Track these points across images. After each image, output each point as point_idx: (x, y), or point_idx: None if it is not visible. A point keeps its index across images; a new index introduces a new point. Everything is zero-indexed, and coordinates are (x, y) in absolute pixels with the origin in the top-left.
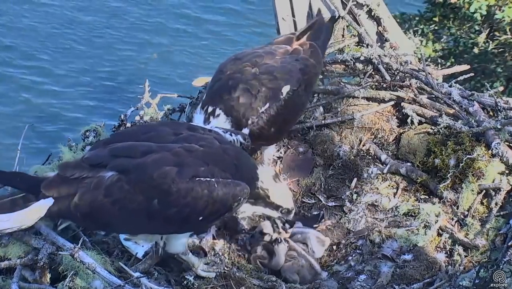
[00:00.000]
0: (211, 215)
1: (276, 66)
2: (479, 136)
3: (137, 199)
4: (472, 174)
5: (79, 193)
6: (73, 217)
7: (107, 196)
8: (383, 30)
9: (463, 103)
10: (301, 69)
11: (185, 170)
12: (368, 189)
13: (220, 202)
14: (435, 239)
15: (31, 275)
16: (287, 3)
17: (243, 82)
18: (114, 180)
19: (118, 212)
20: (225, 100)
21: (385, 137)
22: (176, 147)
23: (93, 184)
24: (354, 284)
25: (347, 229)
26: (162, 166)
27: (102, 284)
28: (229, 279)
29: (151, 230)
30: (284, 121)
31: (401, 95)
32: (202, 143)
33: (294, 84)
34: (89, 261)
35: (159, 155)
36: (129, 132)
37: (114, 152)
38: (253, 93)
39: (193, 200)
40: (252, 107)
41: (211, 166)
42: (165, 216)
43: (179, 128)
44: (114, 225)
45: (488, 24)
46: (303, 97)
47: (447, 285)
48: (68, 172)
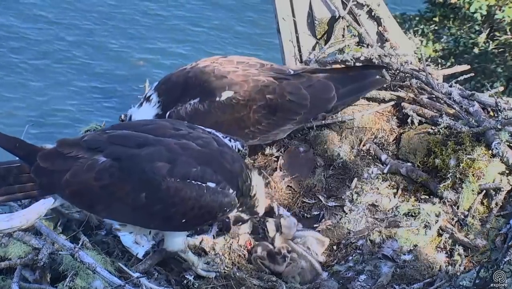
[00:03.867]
0: (195, 219)
1: (235, 72)
2: (479, 136)
3: (126, 189)
4: (472, 174)
5: (71, 171)
6: (62, 193)
7: (97, 180)
8: (383, 30)
9: (463, 103)
10: (267, 86)
11: (176, 168)
12: (368, 189)
13: (206, 209)
14: (435, 239)
15: (31, 275)
16: (287, 3)
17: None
18: (107, 165)
19: (106, 197)
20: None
21: (385, 137)
22: (172, 142)
23: (86, 165)
24: (354, 284)
25: (347, 229)
26: (154, 161)
27: (102, 284)
28: (229, 279)
29: (134, 221)
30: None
31: (401, 95)
32: (199, 142)
33: (241, 95)
34: (89, 261)
35: (153, 148)
36: (131, 123)
37: (111, 139)
38: (190, 83)
39: (180, 201)
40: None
41: (203, 167)
42: (150, 211)
43: (179, 124)
44: (99, 209)
45: (488, 24)
46: (251, 114)
47: (447, 285)
48: (66, 149)
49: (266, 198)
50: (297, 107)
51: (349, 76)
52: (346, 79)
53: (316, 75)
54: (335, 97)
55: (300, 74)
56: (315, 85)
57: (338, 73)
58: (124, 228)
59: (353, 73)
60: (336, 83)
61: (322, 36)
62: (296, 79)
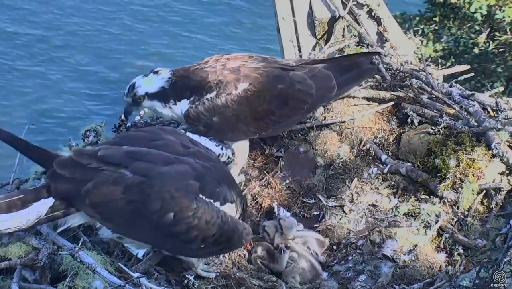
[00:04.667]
0: (213, 246)
1: (244, 65)
2: (480, 136)
3: (153, 207)
4: (472, 174)
5: (94, 181)
6: (79, 202)
7: (125, 194)
8: (383, 30)
9: (463, 103)
10: (279, 76)
11: (206, 187)
12: (368, 189)
13: (226, 237)
14: (435, 239)
15: (31, 275)
16: (287, 3)
17: (205, 70)
18: (136, 181)
19: (129, 212)
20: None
21: (385, 137)
22: (192, 162)
23: (113, 178)
24: (354, 284)
25: (347, 229)
26: (186, 179)
27: (102, 284)
28: (230, 279)
29: (151, 241)
30: (237, 119)
31: (401, 95)
32: (211, 163)
33: (256, 86)
34: (89, 261)
35: (181, 167)
36: (137, 137)
37: (131, 155)
38: (204, 77)
39: (206, 224)
40: (199, 90)
41: (222, 188)
42: (172, 231)
43: (182, 138)
44: (118, 223)
45: (489, 24)
46: (265, 105)
47: (447, 285)
48: (84, 160)
49: (266, 198)
50: (305, 96)
51: (345, 65)
52: (343, 68)
53: (315, 66)
54: (335, 86)
55: (301, 66)
56: (317, 75)
57: (334, 63)
58: (132, 243)
59: (347, 63)
60: (335, 72)
61: (322, 36)
62: (299, 70)
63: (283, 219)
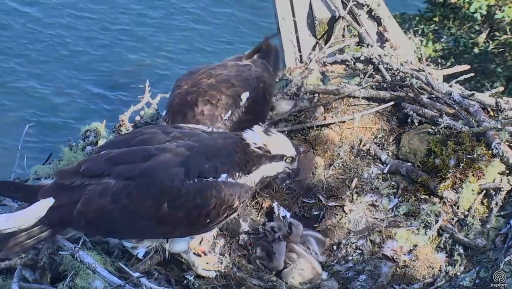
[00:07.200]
0: (218, 217)
1: (232, 74)
2: (480, 136)
3: (147, 203)
4: (472, 174)
5: (83, 200)
6: (75, 224)
7: (114, 202)
8: (383, 30)
9: (463, 103)
10: (256, 77)
11: (192, 170)
12: (369, 189)
13: (227, 204)
14: (435, 239)
15: (31, 275)
16: (287, 3)
17: (201, 94)
18: (121, 186)
19: (126, 218)
20: (190, 118)
21: (385, 137)
22: (175, 147)
23: (98, 191)
24: (355, 284)
25: (347, 229)
26: (169, 168)
27: (102, 284)
28: (230, 279)
29: (158, 235)
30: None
31: (401, 95)
32: (195, 138)
33: (252, 91)
34: (89, 261)
35: (162, 157)
36: (119, 140)
37: (112, 161)
38: (213, 102)
39: (202, 201)
40: (215, 116)
41: (213, 161)
42: (174, 219)
43: (165, 127)
44: (120, 231)
45: (488, 24)
46: (260, 105)
47: (447, 285)
48: (67, 180)
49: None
50: (272, 86)
51: (262, 54)
52: (263, 56)
53: (251, 60)
54: (272, 71)
55: (249, 63)
56: (261, 66)
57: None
58: (140, 244)
59: (261, 53)
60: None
61: (322, 36)
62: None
63: (296, 226)
